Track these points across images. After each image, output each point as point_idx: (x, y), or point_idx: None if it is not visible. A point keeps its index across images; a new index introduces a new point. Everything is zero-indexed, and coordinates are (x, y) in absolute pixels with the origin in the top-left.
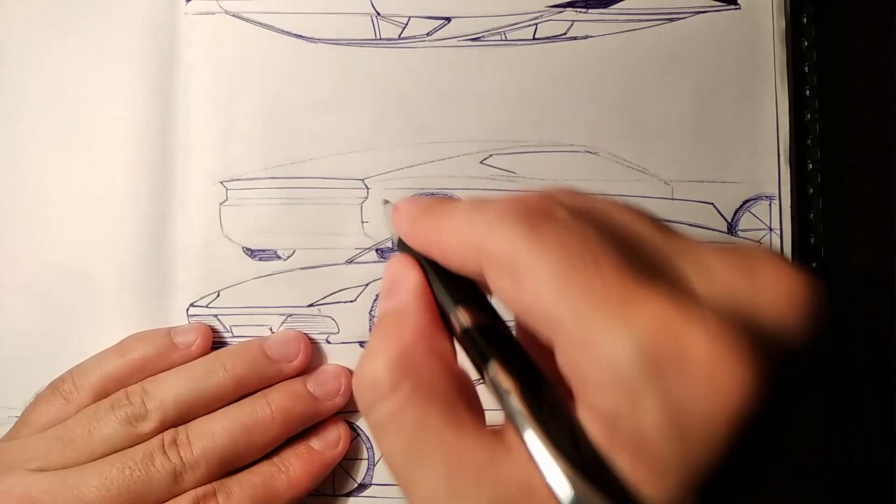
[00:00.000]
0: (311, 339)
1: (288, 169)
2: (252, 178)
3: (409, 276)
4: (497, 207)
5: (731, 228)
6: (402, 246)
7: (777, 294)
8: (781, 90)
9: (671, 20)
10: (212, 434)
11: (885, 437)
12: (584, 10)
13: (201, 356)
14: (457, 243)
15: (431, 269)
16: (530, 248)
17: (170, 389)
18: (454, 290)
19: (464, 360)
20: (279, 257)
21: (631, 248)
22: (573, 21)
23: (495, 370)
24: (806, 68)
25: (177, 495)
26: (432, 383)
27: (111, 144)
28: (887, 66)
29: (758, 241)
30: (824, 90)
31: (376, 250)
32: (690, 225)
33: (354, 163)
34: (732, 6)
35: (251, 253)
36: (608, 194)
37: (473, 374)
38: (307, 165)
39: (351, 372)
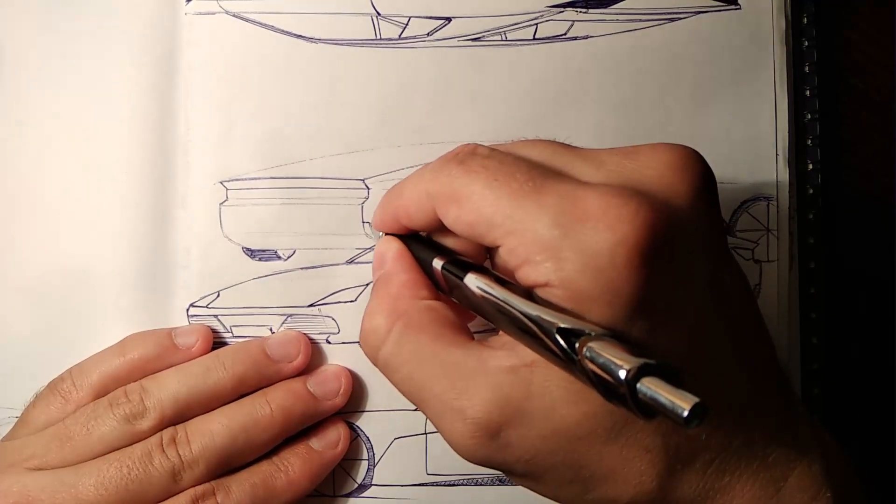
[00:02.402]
0: (311, 339)
1: (288, 169)
2: (252, 178)
3: (391, 248)
4: (433, 161)
5: (729, 229)
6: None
7: (653, 162)
8: (781, 90)
9: (671, 20)
10: (211, 432)
11: (885, 437)
12: (584, 10)
13: None
14: (414, 198)
15: (409, 239)
16: (462, 176)
17: (169, 387)
18: (429, 248)
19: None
20: (279, 257)
21: (537, 163)
22: (573, 21)
23: (470, 278)
24: (806, 68)
25: (175, 494)
26: (420, 319)
27: (111, 144)
28: (887, 66)
29: (755, 242)
30: (824, 90)
31: None
32: None
33: (354, 163)
34: (732, 6)
35: (251, 253)
36: None
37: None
38: (307, 165)
39: (351, 372)
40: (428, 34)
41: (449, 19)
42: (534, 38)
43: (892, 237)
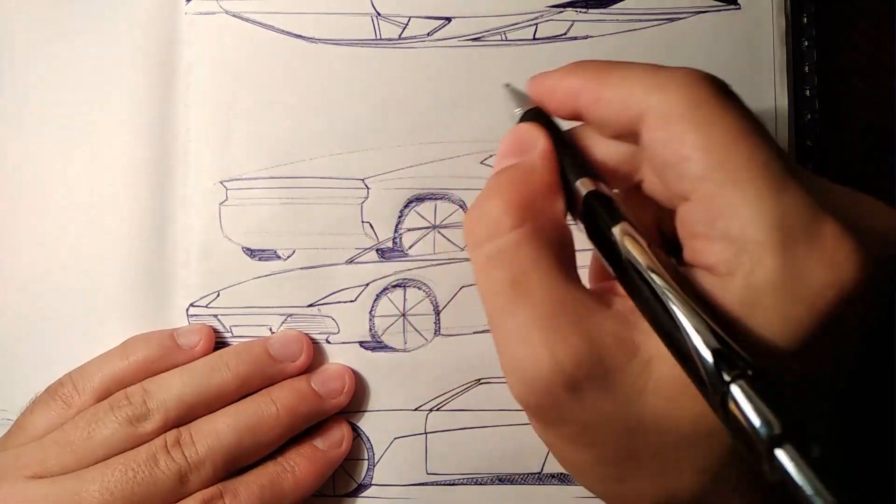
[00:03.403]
0: (312, 339)
1: (288, 169)
2: (252, 178)
3: (539, 139)
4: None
5: None
6: (530, 117)
7: (876, 210)
8: (781, 90)
9: (671, 20)
10: (216, 433)
11: (885, 436)
12: (584, 10)
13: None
14: (618, 99)
15: (561, 139)
16: (704, 107)
17: (172, 388)
18: (573, 161)
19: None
20: (279, 257)
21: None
22: (573, 21)
23: (620, 234)
24: (806, 68)
25: (182, 497)
26: (551, 232)
27: (111, 144)
28: (887, 66)
29: None
30: (824, 90)
31: (376, 250)
32: None
33: (354, 163)
34: (732, 6)
35: (251, 253)
36: None
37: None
38: (307, 165)
39: (353, 371)
40: (428, 34)
41: (449, 19)
42: (534, 38)
43: None
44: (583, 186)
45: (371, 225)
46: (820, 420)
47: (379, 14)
